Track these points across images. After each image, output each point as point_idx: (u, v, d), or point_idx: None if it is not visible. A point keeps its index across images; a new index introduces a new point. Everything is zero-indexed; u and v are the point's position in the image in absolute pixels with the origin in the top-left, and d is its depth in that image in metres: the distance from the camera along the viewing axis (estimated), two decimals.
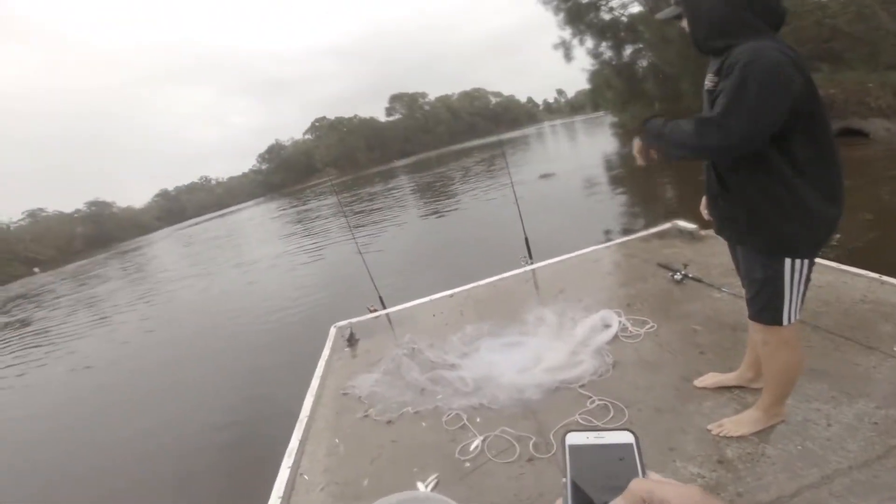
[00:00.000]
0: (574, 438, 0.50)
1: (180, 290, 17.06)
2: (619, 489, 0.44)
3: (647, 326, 3.07)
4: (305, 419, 3.09)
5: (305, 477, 2.56)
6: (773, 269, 1.68)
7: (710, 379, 2.37)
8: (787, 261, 1.65)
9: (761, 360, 1.89)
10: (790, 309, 1.69)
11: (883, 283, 2.91)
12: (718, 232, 1.93)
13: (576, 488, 0.46)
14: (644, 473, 0.46)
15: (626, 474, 0.46)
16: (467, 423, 2.62)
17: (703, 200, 2.02)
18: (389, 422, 2.86)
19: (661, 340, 2.94)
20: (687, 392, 2.40)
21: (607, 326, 3.13)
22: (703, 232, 4.42)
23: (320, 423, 3.07)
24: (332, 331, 4.44)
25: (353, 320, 4.56)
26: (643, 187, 13.54)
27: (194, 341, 10.46)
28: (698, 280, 3.50)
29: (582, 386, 2.62)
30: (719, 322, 2.97)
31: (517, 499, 2.06)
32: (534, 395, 2.61)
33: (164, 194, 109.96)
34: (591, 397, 2.51)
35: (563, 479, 0.47)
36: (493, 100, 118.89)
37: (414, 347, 3.60)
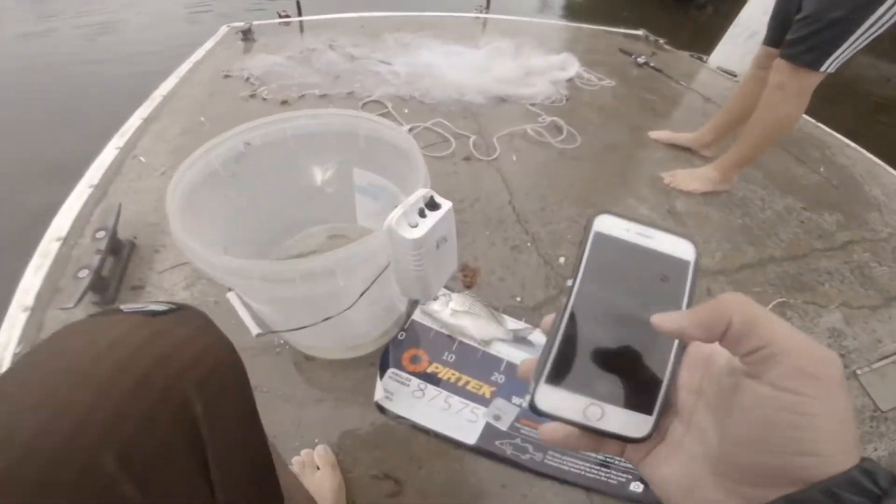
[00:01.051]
0: (606, 224, 0.28)
1: None
2: (645, 323, 0.25)
3: (605, 81, 2.51)
4: (160, 98, 2.06)
5: (142, 159, 1.70)
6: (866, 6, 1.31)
7: (664, 133, 2.05)
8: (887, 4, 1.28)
9: (759, 109, 1.57)
10: (838, 57, 1.38)
11: (817, 126, 2.73)
12: None
13: (582, 301, 0.27)
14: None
15: (663, 302, 0.26)
16: (392, 111, 1.96)
17: None
18: (284, 102, 2.06)
19: (617, 95, 2.44)
20: (640, 139, 2.03)
21: (564, 70, 2.49)
22: (668, 46, 3.79)
23: (182, 103, 2.07)
24: (223, 29, 3.07)
25: (255, 22, 3.10)
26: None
27: None
28: (658, 70, 2.95)
29: (533, 104, 2.05)
30: (674, 101, 2.56)
31: (451, 196, 1.51)
32: (476, 100, 2.01)
33: None
34: (541, 115, 1.99)
35: (569, 282, 0.27)
36: None
37: (333, 44, 2.65)
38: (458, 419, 0.97)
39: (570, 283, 0.28)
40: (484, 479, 0.93)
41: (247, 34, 2.87)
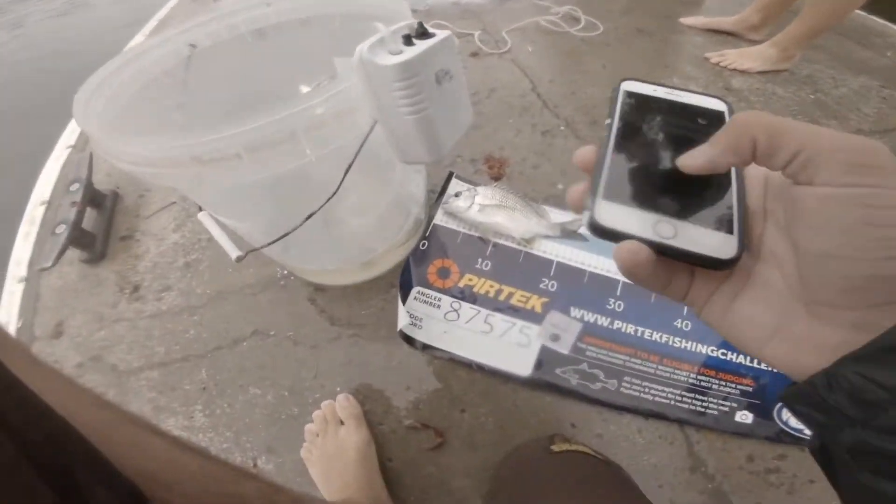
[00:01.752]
0: (634, 86, 0.26)
1: None
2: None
3: None
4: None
5: None
6: None
7: (699, 19, 1.63)
8: None
9: None
10: None
11: (869, 17, 2.22)
12: None
13: (626, 133, 0.23)
14: None
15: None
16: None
17: None
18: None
19: None
20: (672, 26, 1.61)
21: None
22: None
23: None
24: None
25: None
26: None
27: None
28: None
29: None
30: None
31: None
32: (475, 0, 1.63)
33: None
34: (552, 7, 1.60)
35: (607, 121, 0.24)
36: None
37: None
38: (505, 344, 0.69)
39: (608, 121, 0.24)
40: (546, 420, 0.67)
41: None
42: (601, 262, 0.75)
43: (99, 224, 1.00)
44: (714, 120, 0.23)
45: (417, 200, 0.76)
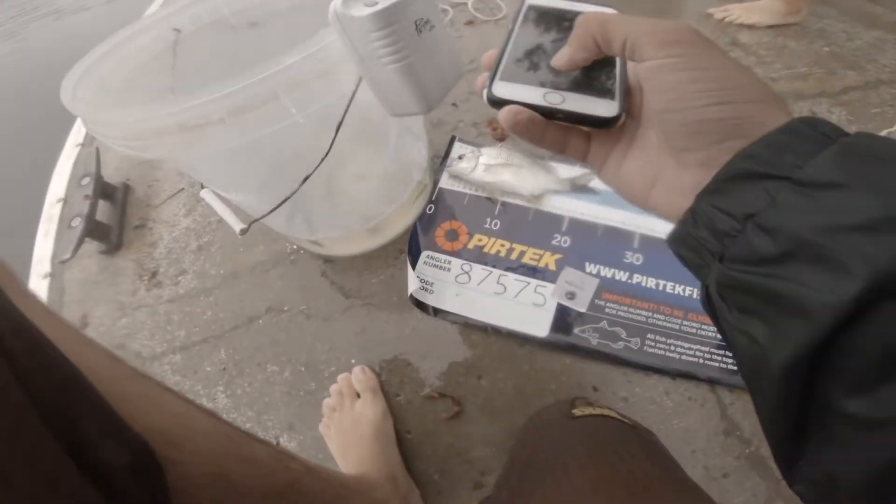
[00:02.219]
0: (536, 1, 0.28)
1: None
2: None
3: None
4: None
5: None
6: None
7: None
8: None
9: None
10: None
11: None
12: None
13: (526, 33, 0.26)
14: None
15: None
16: None
17: None
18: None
19: None
20: None
21: None
22: None
23: None
24: None
25: None
26: None
27: None
28: None
29: None
30: None
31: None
32: None
33: None
34: None
35: (510, 26, 0.27)
36: None
37: None
38: (520, 305, 0.67)
39: (511, 26, 0.27)
40: (566, 383, 0.64)
41: None
42: (615, 215, 0.71)
43: (112, 216, 1.00)
44: None
45: (420, 166, 0.73)
